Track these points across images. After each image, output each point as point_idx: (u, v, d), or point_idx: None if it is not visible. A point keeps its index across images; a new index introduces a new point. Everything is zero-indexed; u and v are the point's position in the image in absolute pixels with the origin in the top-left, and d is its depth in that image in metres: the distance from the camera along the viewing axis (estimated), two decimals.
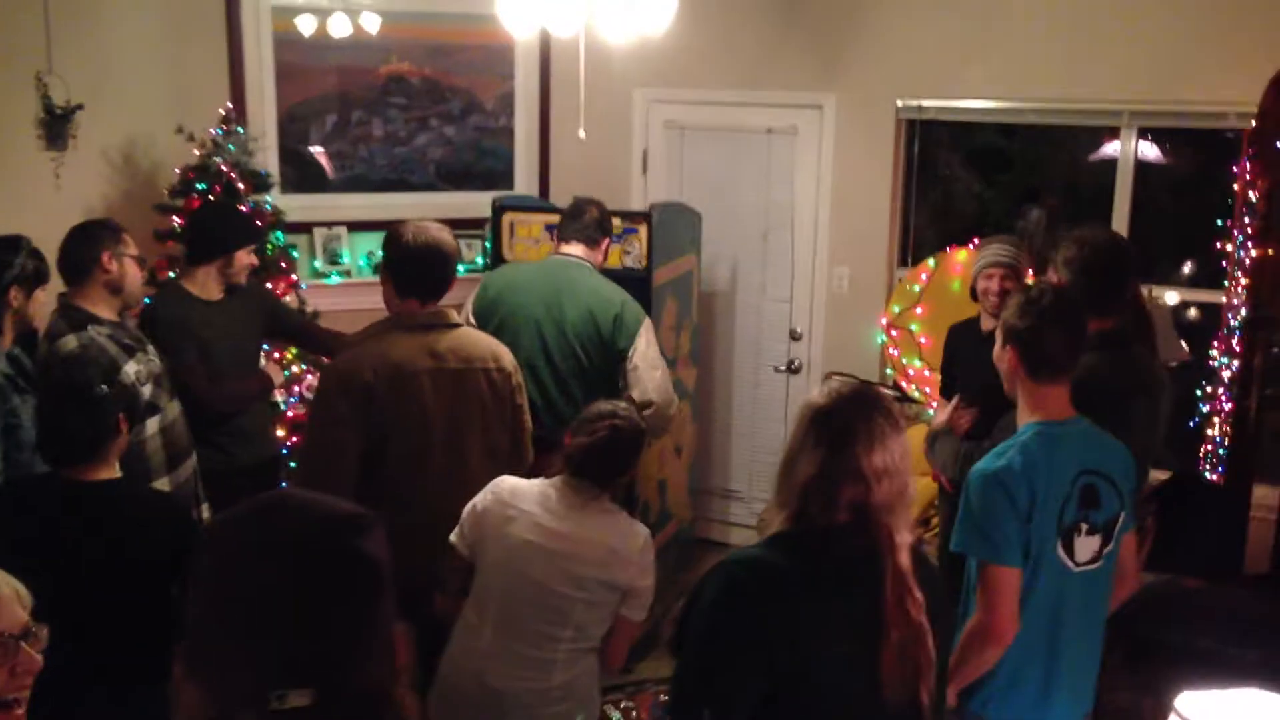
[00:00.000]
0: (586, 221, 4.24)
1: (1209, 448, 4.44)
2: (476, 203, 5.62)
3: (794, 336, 5.60)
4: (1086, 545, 2.61)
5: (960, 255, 4.98)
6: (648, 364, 4.03)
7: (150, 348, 3.56)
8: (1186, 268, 5.20)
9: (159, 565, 2.67)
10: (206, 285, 3.94)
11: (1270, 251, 4.09)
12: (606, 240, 4.33)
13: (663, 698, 4.15)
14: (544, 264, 4.31)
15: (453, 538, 2.99)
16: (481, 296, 4.16)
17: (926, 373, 5.05)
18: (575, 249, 4.22)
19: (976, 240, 5.03)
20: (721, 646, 1.97)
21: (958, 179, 5.83)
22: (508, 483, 3.01)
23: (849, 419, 1.98)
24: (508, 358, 3.38)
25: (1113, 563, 2.69)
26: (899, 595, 1.96)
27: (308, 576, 1.31)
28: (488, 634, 2.88)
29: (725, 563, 2.06)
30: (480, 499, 2.98)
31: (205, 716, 1.31)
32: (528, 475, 3.24)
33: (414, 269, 3.24)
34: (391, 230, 3.33)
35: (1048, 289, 2.70)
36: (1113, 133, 4.95)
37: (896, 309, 5.15)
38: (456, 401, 3.23)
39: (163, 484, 3.45)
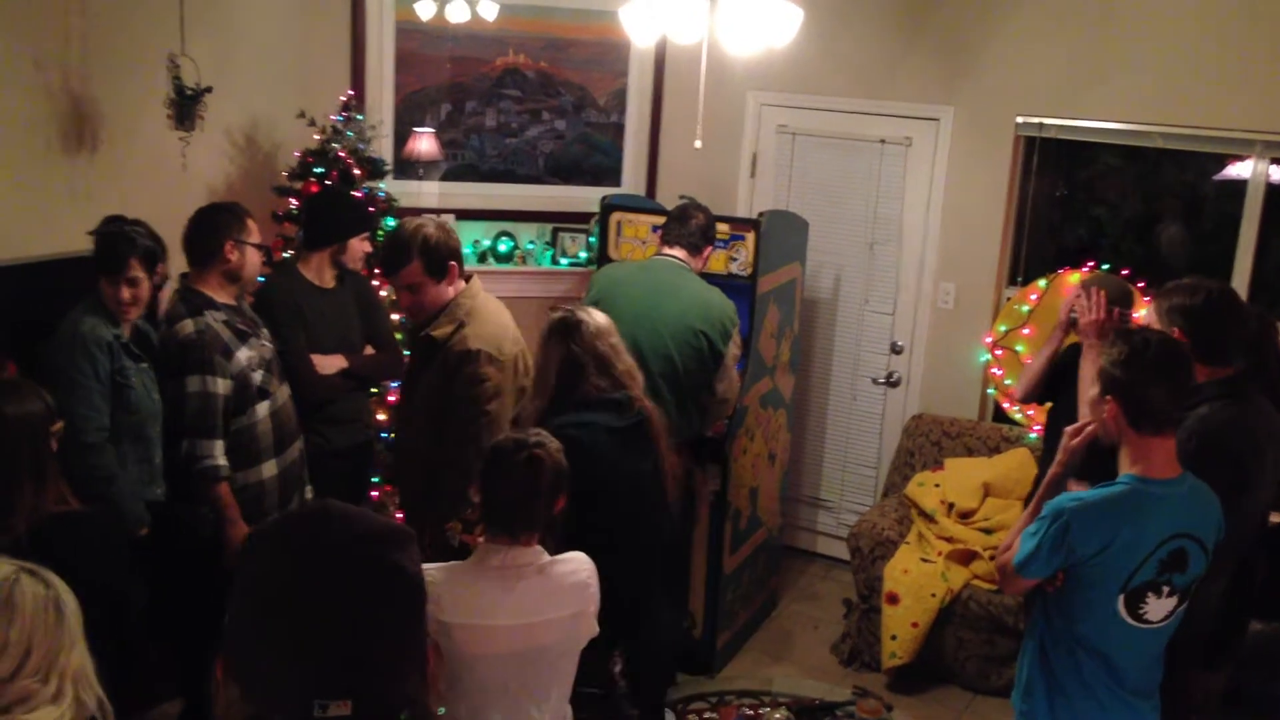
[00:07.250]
0: (692, 228, 4.25)
1: None
2: (583, 197, 5.66)
3: (895, 350, 5.52)
4: (1162, 606, 2.60)
5: (1073, 278, 4.85)
6: (733, 360, 4.20)
7: (264, 331, 3.63)
8: None
9: None
10: (321, 271, 4.02)
11: None
12: (709, 248, 4.33)
13: (746, 710, 4.14)
14: (648, 264, 4.33)
15: None
16: (590, 294, 4.19)
17: None
18: (678, 252, 4.22)
19: (1091, 264, 4.92)
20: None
21: (1075, 199, 5.68)
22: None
23: (572, 317, 3.24)
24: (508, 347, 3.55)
25: (1179, 619, 2.66)
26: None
27: (350, 588, 1.33)
28: None
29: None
30: None
31: (244, 716, 1.33)
32: None
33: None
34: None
35: (1153, 340, 2.59)
36: (1239, 159, 4.79)
37: (1003, 328, 5.05)
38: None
39: (270, 467, 3.53)
